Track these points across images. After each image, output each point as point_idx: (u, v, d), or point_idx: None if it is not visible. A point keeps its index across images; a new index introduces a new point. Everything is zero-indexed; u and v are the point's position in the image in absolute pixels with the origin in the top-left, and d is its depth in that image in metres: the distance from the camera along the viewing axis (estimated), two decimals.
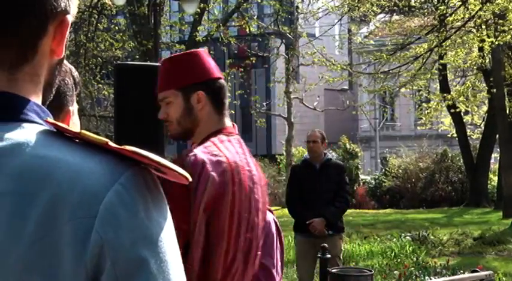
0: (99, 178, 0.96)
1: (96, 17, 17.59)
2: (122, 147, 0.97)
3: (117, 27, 19.60)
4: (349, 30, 26.79)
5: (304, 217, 6.52)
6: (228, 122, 2.56)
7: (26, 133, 0.99)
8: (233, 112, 22.64)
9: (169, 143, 23.33)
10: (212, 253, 2.33)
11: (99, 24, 18.10)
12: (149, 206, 0.99)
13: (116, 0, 15.78)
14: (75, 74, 1.64)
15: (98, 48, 18.75)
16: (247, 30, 19.73)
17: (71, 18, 1.07)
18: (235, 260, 2.38)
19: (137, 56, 17.89)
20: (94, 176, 0.96)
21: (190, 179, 1.00)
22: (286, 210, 7.53)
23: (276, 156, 28.59)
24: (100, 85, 19.63)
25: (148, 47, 16.32)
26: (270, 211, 2.66)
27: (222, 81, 2.54)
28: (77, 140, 1.01)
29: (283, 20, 21.50)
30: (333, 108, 29.32)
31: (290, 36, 22.40)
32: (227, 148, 2.43)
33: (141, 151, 0.96)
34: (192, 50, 2.74)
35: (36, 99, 1.06)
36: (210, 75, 2.50)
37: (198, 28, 16.50)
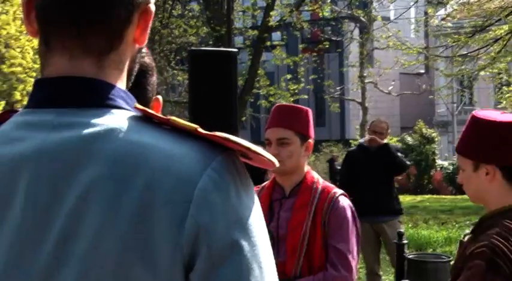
0: (192, 164, 0.98)
1: (171, 3, 17.80)
2: (213, 133, 0.99)
3: (191, 13, 19.84)
4: (426, 13, 26.25)
5: (360, 199, 6.43)
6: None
7: (117, 119, 1.01)
8: (306, 97, 22.63)
9: (243, 127, 23.56)
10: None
11: (173, 11, 18.35)
12: (240, 191, 1.00)
13: None
14: (149, 60, 1.66)
15: (172, 35, 19.04)
16: (321, 14, 19.61)
17: (153, 7, 1.10)
18: None
19: (210, 42, 18.06)
20: (186, 161, 0.98)
21: (277, 163, 1.02)
22: None
23: (350, 141, 28.42)
24: (174, 71, 19.95)
25: (221, 33, 16.45)
26: (346, 196, 2.79)
27: None
28: (165, 127, 1.03)
29: (357, 3, 21.24)
30: (409, 92, 28.96)
31: (364, 19, 22.16)
32: None
33: (232, 136, 0.98)
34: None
35: (121, 85, 1.08)
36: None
37: (271, 13, 16.45)
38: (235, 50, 1.71)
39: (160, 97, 1.66)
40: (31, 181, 0.99)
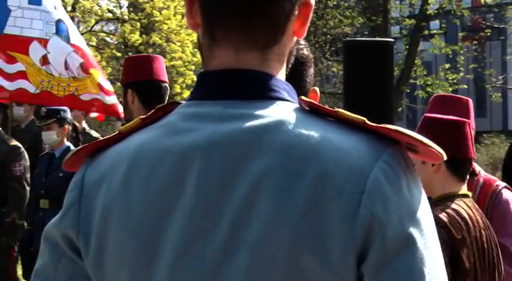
0: (363, 156, 0.99)
1: None
2: (383, 125, 0.99)
3: (346, 4, 19.65)
4: None
5: None
6: None
7: (283, 111, 1.03)
8: (466, 87, 21.82)
9: (399, 119, 23.13)
10: None
11: (328, 2, 18.33)
12: (410, 183, 1.00)
13: None
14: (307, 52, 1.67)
15: (328, 26, 19.00)
16: (483, 1, 18.82)
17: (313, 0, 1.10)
18: None
19: (366, 32, 17.87)
20: (357, 153, 0.99)
21: (445, 156, 1.02)
22: None
23: None
24: (329, 62, 19.89)
25: (377, 23, 16.22)
26: (509, 189, 2.75)
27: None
28: (331, 119, 1.03)
29: None
30: None
31: None
32: None
33: (403, 129, 0.98)
34: None
35: (282, 78, 1.10)
36: None
37: (429, 1, 16.01)
38: (392, 39, 1.69)
39: (317, 89, 1.66)
40: (201, 171, 1.02)
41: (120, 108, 5.71)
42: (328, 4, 18.49)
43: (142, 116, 1.14)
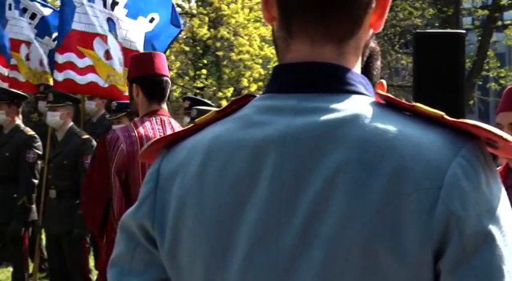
0: (441, 151, 0.98)
1: None
2: (462, 120, 0.99)
3: None
4: None
5: None
6: (156, 106, 3.71)
7: (359, 105, 1.03)
8: None
9: (470, 112, 22.70)
10: (132, 202, 3.10)
11: None
12: (489, 179, 0.99)
13: None
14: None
15: (397, 18, 18.78)
16: None
17: None
18: None
19: (437, 24, 17.60)
20: (435, 148, 0.98)
21: None
22: None
23: None
24: (398, 55, 19.69)
25: (448, 14, 15.98)
26: None
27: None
28: (407, 113, 1.03)
29: None
30: None
31: None
32: (143, 126, 3.59)
33: (482, 124, 0.97)
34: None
35: (358, 71, 1.10)
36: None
37: None
38: (463, 31, 1.65)
39: (384, 81, 1.65)
40: (277, 164, 1.02)
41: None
42: None
43: (217, 109, 1.15)
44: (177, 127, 3.79)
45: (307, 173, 1.00)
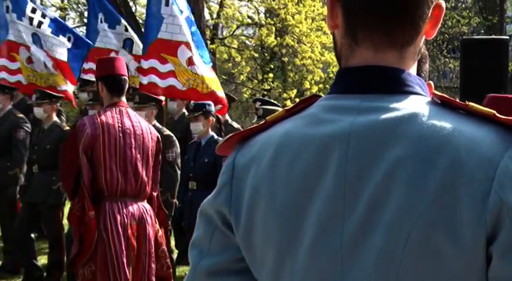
0: (493, 145, 0.97)
1: None
2: (511, 118, 0.97)
3: (463, 5, 18.99)
4: None
5: None
6: (116, 99, 4.12)
7: (417, 104, 1.01)
8: None
9: None
10: (96, 173, 3.95)
11: (447, 3, 17.74)
12: None
13: None
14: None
15: (446, 26, 18.41)
16: None
17: (444, 3, 1.08)
18: (112, 176, 3.98)
19: (482, 31, 17.14)
20: (487, 143, 0.97)
21: None
22: None
23: None
24: (446, 59, 19.28)
25: (493, 22, 15.53)
26: None
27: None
28: (461, 112, 1.01)
29: None
30: None
31: None
32: (105, 115, 4.03)
33: None
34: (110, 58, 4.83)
35: (415, 73, 1.08)
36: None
37: None
38: (507, 37, 1.59)
39: (431, 82, 1.63)
40: (341, 158, 1.01)
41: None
42: (447, 5, 17.88)
43: (286, 108, 1.14)
44: (133, 115, 4.26)
45: (369, 167, 0.99)
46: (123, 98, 4.31)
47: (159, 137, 4.46)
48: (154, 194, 4.33)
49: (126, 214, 3.98)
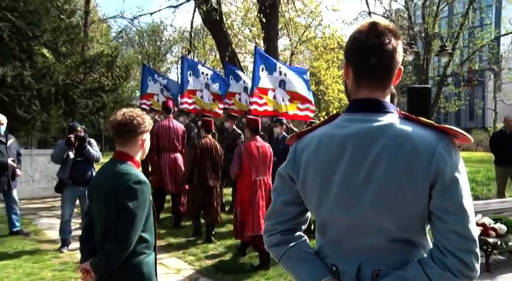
0: (433, 139, 1.13)
1: None
2: (443, 125, 1.14)
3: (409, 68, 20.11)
4: None
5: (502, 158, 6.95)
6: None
7: (392, 118, 1.18)
8: None
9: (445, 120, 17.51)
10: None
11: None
12: (456, 154, 1.15)
13: None
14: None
15: (400, 79, 12.73)
16: None
17: (402, 67, 1.25)
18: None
19: (416, 83, 18.02)
20: (430, 138, 1.13)
21: (471, 139, 1.15)
22: None
23: None
24: (400, 97, 18.38)
25: (422, 78, 16.20)
26: None
27: None
28: (415, 122, 1.19)
29: None
30: None
31: None
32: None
33: (452, 126, 1.14)
34: None
35: (389, 101, 1.25)
36: None
37: None
38: (429, 86, 2.38)
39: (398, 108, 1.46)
40: (352, 148, 1.17)
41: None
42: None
43: (322, 120, 1.30)
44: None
45: (367, 151, 1.13)
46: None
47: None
48: None
49: None
